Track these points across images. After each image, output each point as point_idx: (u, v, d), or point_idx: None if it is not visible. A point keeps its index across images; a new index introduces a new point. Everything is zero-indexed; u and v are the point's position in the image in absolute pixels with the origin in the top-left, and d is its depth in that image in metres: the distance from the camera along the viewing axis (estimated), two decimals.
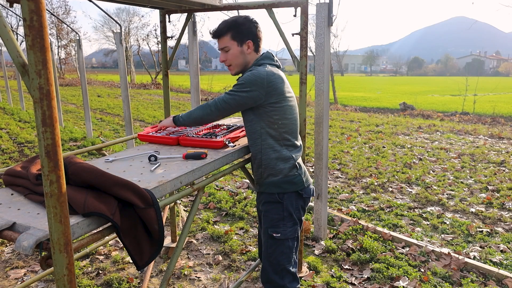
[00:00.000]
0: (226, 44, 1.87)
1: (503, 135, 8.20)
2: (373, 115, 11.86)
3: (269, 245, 1.89)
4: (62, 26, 28.64)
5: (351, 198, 4.43)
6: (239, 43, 1.86)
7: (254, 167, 1.99)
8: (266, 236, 1.91)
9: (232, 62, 1.91)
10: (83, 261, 3.04)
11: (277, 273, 1.88)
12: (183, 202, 4.24)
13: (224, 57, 1.90)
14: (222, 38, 1.87)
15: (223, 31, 1.86)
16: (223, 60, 1.90)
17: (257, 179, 1.99)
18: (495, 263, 2.98)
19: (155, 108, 12.79)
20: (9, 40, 0.95)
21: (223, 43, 1.87)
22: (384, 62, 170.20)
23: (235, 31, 1.85)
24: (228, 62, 1.91)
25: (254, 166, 1.99)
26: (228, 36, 1.85)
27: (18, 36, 14.40)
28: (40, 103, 0.91)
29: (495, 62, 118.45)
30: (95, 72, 51.25)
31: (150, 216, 1.35)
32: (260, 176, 1.94)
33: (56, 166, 0.97)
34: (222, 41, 1.87)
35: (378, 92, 23.45)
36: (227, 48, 1.88)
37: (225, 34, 1.86)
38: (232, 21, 1.86)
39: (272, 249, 1.88)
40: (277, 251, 1.88)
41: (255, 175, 2.00)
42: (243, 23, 1.86)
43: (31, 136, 7.68)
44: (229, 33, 1.85)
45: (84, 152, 2.26)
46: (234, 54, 1.88)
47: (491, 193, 4.54)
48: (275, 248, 1.88)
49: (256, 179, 2.00)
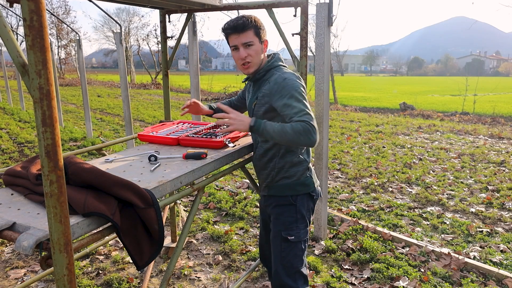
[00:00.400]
0: (250, 38, 1.74)
1: (503, 135, 8.20)
2: (373, 115, 11.86)
3: (283, 248, 1.84)
4: (62, 26, 28.65)
5: (351, 198, 4.43)
6: (260, 41, 1.78)
7: (264, 171, 1.91)
8: (279, 239, 1.85)
9: (253, 59, 1.78)
10: (83, 261, 3.04)
11: (290, 276, 1.84)
12: (183, 202, 4.24)
13: (246, 52, 1.76)
14: (246, 32, 1.74)
15: (248, 25, 1.73)
16: (245, 56, 1.76)
17: (267, 182, 1.92)
18: (495, 263, 2.98)
19: (155, 108, 12.79)
20: (9, 40, 0.95)
21: (246, 38, 1.74)
22: (384, 62, 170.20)
23: (257, 27, 1.76)
24: (249, 59, 1.78)
25: (264, 170, 1.91)
26: (252, 31, 1.74)
27: (18, 36, 14.40)
28: (40, 103, 0.91)
29: (495, 62, 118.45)
30: (95, 72, 51.26)
31: (150, 216, 1.35)
32: (272, 179, 1.88)
33: (56, 166, 0.97)
34: (245, 35, 1.74)
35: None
36: (251, 42, 1.75)
37: (250, 28, 1.74)
38: (252, 18, 1.76)
39: (286, 252, 1.83)
40: (291, 254, 1.83)
41: (265, 178, 1.92)
42: (261, 22, 1.78)
43: (31, 136, 7.68)
44: (253, 28, 1.74)
45: (84, 152, 2.26)
46: (257, 50, 1.77)
47: (491, 193, 4.54)
48: (289, 251, 1.83)
49: (266, 182, 1.92)
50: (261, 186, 2.00)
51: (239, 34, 1.73)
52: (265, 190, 1.96)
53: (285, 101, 1.68)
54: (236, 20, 1.74)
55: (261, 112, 1.82)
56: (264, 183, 1.95)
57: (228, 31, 1.76)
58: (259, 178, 1.99)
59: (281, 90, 1.71)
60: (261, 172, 1.93)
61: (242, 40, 1.74)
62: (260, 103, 1.82)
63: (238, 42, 1.74)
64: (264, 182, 1.94)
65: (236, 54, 1.77)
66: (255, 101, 1.86)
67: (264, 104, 1.80)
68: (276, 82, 1.74)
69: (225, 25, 1.77)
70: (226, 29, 1.76)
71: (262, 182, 1.97)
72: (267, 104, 1.79)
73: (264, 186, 1.95)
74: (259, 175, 1.98)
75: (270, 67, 1.82)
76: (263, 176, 1.94)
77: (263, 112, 1.81)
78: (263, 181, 1.95)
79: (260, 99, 1.82)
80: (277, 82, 1.74)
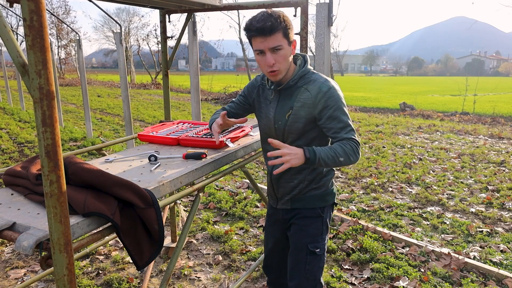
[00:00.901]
0: (279, 42, 1.49)
1: (503, 135, 8.20)
2: (373, 115, 11.86)
3: (308, 261, 1.74)
4: (62, 26, 28.66)
5: (351, 198, 4.43)
6: (288, 42, 1.54)
7: (289, 183, 1.74)
8: (304, 252, 1.74)
9: (281, 66, 1.54)
10: (83, 261, 3.04)
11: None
12: (183, 202, 4.24)
13: (274, 59, 1.51)
14: (275, 35, 1.48)
15: (277, 26, 1.47)
16: (273, 63, 1.51)
17: (292, 195, 1.75)
18: (495, 263, 2.98)
19: (155, 108, 12.79)
20: (9, 40, 0.95)
21: (274, 41, 1.49)
22: (384, 62, 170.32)
23: (287, 27, 1.50)
24: (276, 66, 1.53)
25: (289, 182, 1.73)
26: (280, 33, 1.49)
27: (18, 36, 14.40)
28: (40, 103, 0.92)
29: (495, 62, 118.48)
30: (95, 72, 51.29)
31: (150, 216, 1.35)
32: (299, 191, 1.73)
33: (56, 166, 0.97)
34: (273, 39, 1.48)
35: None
36: (280, 47, 1.50)
37: (279, 30, 1.48)
38: (281, 16, 1.50)
39: (312, 265, 1.74)
40: (315, 266, 1.75)
41: (289, 191, 1.75)
42: (289, 19, 1.52)
43: (31, 136, 7.68)
44: (282, 30, 1.49)
45: (84, 152, 2.26)
46: (286, 55, 1.54)
47: (491, 193, 4.54)
48: (314, 264, 1.75)
49: (291, 195, 1.75)
50: (280, 200, 1.81)
51: (265, 38, 1.48)
52: (286, 203, 1.79)
53: (331, 113, 1.55)
54: (262, 20, 1.47)
55: (300, 125, 1.61)
56: (287, 196, 1.77)
57: (253, 33, 1.50)
58: (278, 191, 1.79)
59: (326, 101, 1.55)
60: (284, 185, 1.75)
61: (270, 44, 1.49)
62: (298, 115, 1.60)
63: (264, 46, 1.50)
64: (288, 195, 1.76)
65: (262, 59, 1.53)
66: (289, 111, 1.62)
67: (304, 116, 1.59)
68: (320, 91, 1.56)
69: (249, 25, 1.51)
70: (251, 31, 1.50)
71: (283, 195, 1.78)
72: (308, 115, 1.59)
73: (287, 199, 1.77)
74: (279, 188, 1.78)
75: (304, 73, 1.62)
76: (286, 189, 1.76)
77: (304, 125, 1.61)
78: (286, 194, 1.77)
79: (297, 110, 1.60)
80: (321, 91, 1.56)
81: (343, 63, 52.64)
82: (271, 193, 1.85)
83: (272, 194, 1.84)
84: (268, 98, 1.72)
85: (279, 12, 1.50)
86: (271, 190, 1.83)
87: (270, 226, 1.95)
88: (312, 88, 1.58)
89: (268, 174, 1.82)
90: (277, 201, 1.82)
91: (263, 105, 1.73)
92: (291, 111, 1.61)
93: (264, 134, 1.78)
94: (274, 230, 1.92)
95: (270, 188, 1.84)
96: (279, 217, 1.85)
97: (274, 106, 1.68)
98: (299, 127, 1.61)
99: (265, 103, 1.73)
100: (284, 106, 1.64)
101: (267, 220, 1.99)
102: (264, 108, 1.73)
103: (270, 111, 1.69)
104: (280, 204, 1.81)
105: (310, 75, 1.62)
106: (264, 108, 1.73)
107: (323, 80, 1.59)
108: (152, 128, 2.37)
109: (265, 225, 2.03)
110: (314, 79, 1.61)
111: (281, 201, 1.80)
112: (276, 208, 1.85)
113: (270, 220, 1.94)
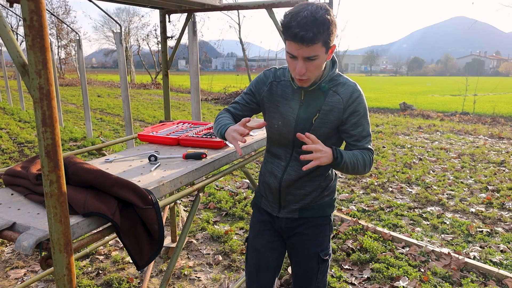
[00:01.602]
0: (316, 52, 1.32)
1: (503, 135, 8.20)
2: (373, 115, 11.86)
3: (320, 270, 1.67)
4: (62, 26, 28.67)
5: (351, 198, 4.43)
6: (327, 50, 1.36)
7: (299, 191, 1.59)
8: (316, 261, 1.65)
9: (313, 75, 1.40)
10: (83, 261, 3.04)
11: None
12: (183, 202, 4.24)
13: (305, 67, 1.35)
14: (314, 45, 1.30)
15: (320, 36, 1.29)
16: (303, 72, 1.36)
17: (302, 204, 1.60)
18: (495, 263, 2.98)
19: (155, 108, 12.79)
20: (9, 40, 0.95)
21: (311, 52, 1.31)
22: (384, 62, 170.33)
23: (328, 34, 1.31)
24: (306, 75, 1.38)
25: (299, 190, 1.58)
26: (320, 42, 1.30)
27: (18, 36, 14.40)
28: (40, 103, 0.92)
29: (495, 62, 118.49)
30: (95, 72, 51.32)
31: (150, 216, 1.35)
32: (312, 200, 1.60)
33: (56, 166, 0.97)
34: (312, 49, 1.30)
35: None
36: (316, 57, 1.33)
37: (319, 39, 1.29)
38: (327, 22, 1.29)
39: (323, 273, 1.68)
40: (326, 273, 1.70)
41: (299, 199, 1.60)
42: (334, 22, 1.33)
43: (31, 136, 7.68)
44: (322, 38, 1.30)
45: (84, 152, 2.26)
46: (320, 64, 1.37)
47: (491, 193, 4.54)
48: (325, 271, 1.69)
49: (301, 204, 1.60)
50: (284, 208, 1.63)
51: (302, 47, 1.30)
52: (293, 212, 1.62)
53: (357, 120, 1.48)
54: (305, 26, 1.26)
55: (327, 130, 1.49)
56: (295, 205, 1.61)
57: (289, 38, 1.31)
58: (285, 199, 1.61)
59: (356, 106, 1.47)
60: (294, 192, 1.59)
61: (305, 54, 1.31)
62: (326, 119, 1.48)
63: (298, 54, 1.33)
64: (297, 203, 1.60)
65: (293, 63, 1.37)
66: (316, 114, 1.48)
67: (333, 121, 1.48)
68: (352, 96, 1.47)
69: (287, 25, 1.30)
70: (288, 34, 1.31)
71: (289, 204, 1.61)
72: (337, 120, 1.48)
73: (296, 208, 1.61)
74: (287, 196, 1.60)
75: (333, 75, 1.50)
76: (296, 197, 1.59)
77: (330, 130, 1.50)
78: (295, 203, 1.61)
79: (326, 114, 1.47)
80: (353, 96, 1.47)
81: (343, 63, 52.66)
82: (273, 200, 1.64)
83: (275, 201, 1.64)
84: (287, 97, 1.52)
85: (324, 15, 1.29)
86: (274, 197, 1.63)
87: (264, 236, 1.70)
88: (343, 92, 1.48)
89: (271, 180, 1.61)
90: (279, 209, 1.64)
91: (280, 104, 1.53)
92: (318, 115, 1.48)
93: (277, 136, 1.57)
94: (270, 240, 1.70)
95: (272, 194, 1.63)
96: (280, 226, 1.66)
97: (297, 107, 1.50)
98: (325, 132, 1.49)
99: (283, 102, 1.53)
100: (310, 108, 1.49)
101: (257, 229, 1.72)
102: (282, 107, 1.52)
103: (289, 112, 1.51)
104: (284, 213, 1.63)
105: (338, 78, 1.51)
106: (282, 108, 1.52)
107: (353, 84, 1.50)
108: (152, 128, 2.37)
109: (251, 235, 1.74)
110: (343, 82, 1.50)
111: (285, 209, 1.62)
112: (277, 217, 1.65)
113: (265, 229, 1.70)
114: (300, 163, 1.53)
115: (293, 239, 1.66)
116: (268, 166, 1.64)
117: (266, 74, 1.60)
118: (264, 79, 1.59)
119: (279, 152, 1.58)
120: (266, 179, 1.64)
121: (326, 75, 1.47)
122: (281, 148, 1.57)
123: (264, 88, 1.58)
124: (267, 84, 1.57)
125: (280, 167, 1.58)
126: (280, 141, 1.56)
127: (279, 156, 1.59)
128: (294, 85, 1.49)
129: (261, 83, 1.59)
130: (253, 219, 1.75)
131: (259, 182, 1.73)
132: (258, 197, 1.74)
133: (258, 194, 1.73)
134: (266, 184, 1.65)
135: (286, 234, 1.67)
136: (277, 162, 1.59)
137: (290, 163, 1.56)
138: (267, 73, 1.60)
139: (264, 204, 1.69)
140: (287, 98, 1.52)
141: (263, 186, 1.68)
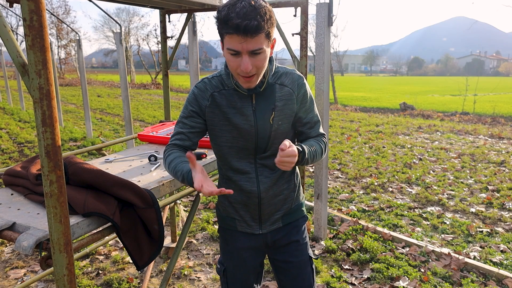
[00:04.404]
0: (261, 44, 1.20)
1: (503, 135, 8.20)
2: (373, 115, 11.86)
3: (312, 272, 1.60)
4: (62, 26, 28.69)
5: (351, 198, 4.43)
6: (269, 43, 1.24)
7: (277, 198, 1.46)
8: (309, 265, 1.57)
9: (259, 71, 1.26)
10: (83, 261, 3.04)
11: None
12: (183, 202, 4.24)
13: (252, 63, 1.22)
14: (258, 36, 1.17)
15: (263, 25, 1.17)
16: (250, 68, 1.22)
17: (284, 209, 1.50)
18: (495, 263, 2.98)
19: (155, 108, 12.79)
20: (9, 40, 0.95)
21: (256, 44, 1.18)
22: (384, 62, 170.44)
23: (271, 23, 1.20)
24: (254, 71, 1.24)
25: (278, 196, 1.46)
26: (263, 34, 1.19)
27: (18, 36, 14.40)
28: (40, 103, 0.91)
29: (495, 62, 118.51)
30: (95, 72, 51.34)
31: (150, 216, 1.35)
32: (291, 203, 1.51)
33: (56, 166, 0.97)
34: (256, 40, 1.18)
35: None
36: (260, 50, 1.20)
37: (263, 28, 1.17)
38: (266, 11, 1.18)
39: (314, 274, 1.61)
40: (314, 275, 1.62)
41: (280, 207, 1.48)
42: (271, 10, 1.22)
43: (31, 136, 7.68)
44: (266, 27, 1.18)
45: (84, 152, 2.26)
46: (265, 59, 1.25)
47: (491, 193, 4.54)
48: (314, 273, 1.61)
49: (283, 210, 1.49)
50: (265, 222, 1.49)
51: (246, 39, 1.16)
52: (276, 222, 1.50)
53: (308, 106, 1.42)
54: (245, 15, 1.14)
55: (287, 125, 1.39)
56: (277, 214, 1.49)
57: (231, 31, 1.16)
58: (265, 212, 1.46)
59: (304, 92, 1.40)
60: (274, 201, 1.46)
61: (250, 47, 1.18)
62: (283, 114, 1.37)
63: (243, 48, 1.19)
64: (279, 212, 1.49)
65: (236, 61, 1.22)
66: (272, 113, 1.35)
67: (290, 114, 1.38)
68: (298, 84, 1.39)
69: (225, 18, 1.16)
70: (227, 27, 1.17)
71: (271, 215, 1.48)
72: (293, 112, 1.39)
73: (277, 217, 1.49)
74: (267, 208, 1.46)
75: (273, 69, 1.39)
76: (277, 206, 1.48)
77: (290, 124, 1.40)
78: (276, 212, 1.48)
79: (281, 109, 1.36)
80: (299, 84, 1.39)
81: (343, 63, 52.68)
82: (251, 218, 1.48)
83: (254, 218, 1.47)
84: (235, 105, 1.35)
85: (262, 3, 1.19)
86: (252, 215, 1.47)
87: (246, 264, 1.55)
88: (289, 82, 1.38)
89: (245, 197, 1.44)
90: (261, 225, 1.48)
91: (230, 115, 1.35)
92: (274, 113, 1.35)
93: (235, 150, 1.40)
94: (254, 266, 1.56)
95: (249, 213, 1.47)
96: (265, 242, 1.51)
97: (250, 113, 1.35)
98: (286, 128, 1.39)
99: (232, 112, 1.35)
100: (264, 110, 1.35)
101: (237, 258, 1.55)
102: (233, 118, 1.35)
103: (244, 120, 1.35)
104: (267, 226, 1.49)
105: (277, 69, 1.40)
106: (234, 119, 1.35)
107: (293, 71, 1.42)
108: (152, 128, 2.37)
109: (231, 265, 1.57)
110: (284, 72, 1.40)
111: (267, 222, 1.48)
112: (259, 234, 1.50)
113: (246, 256, 1.54)
114: (268, 167, 1.41)
115: (284, 250, 1.53)
116: (234, 185, 1.44)
117: (200, 88, 1.39)
118: (201, 93, 1.38)
119: (243, 166, 1.41)
120: (238, 199, 1.45)
121: (271, 72, 1.37)
122: (243, 161, 1.41)
123: (206, 103, 1.38)
124: (207, 97, 1.37)
125: (251, 180, 1.41)
126: (240, 154, 1.40)
127: (244, 170, 1.41)
128: (242, 90, 1.33)
129: (200, 98, 1.38)
130: (228, 248, 1.57)
131: (223, 206, 1.53)
132: (228, 221, 1.53)
133: (228, 218, 1.53)
134: (238, 204, 1.47)
135: (273, 248, 1.54)
136: (245, 177, 1.41)
137: (259, 172, 1.42)
138: (201, 87, 1.39)
139: (241, 226, 1.50)
140: (236, 107, 1.35)
141: (232, 208, 1.49)
